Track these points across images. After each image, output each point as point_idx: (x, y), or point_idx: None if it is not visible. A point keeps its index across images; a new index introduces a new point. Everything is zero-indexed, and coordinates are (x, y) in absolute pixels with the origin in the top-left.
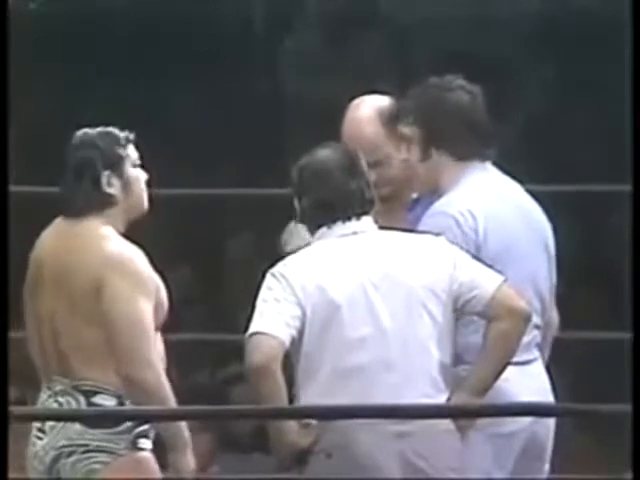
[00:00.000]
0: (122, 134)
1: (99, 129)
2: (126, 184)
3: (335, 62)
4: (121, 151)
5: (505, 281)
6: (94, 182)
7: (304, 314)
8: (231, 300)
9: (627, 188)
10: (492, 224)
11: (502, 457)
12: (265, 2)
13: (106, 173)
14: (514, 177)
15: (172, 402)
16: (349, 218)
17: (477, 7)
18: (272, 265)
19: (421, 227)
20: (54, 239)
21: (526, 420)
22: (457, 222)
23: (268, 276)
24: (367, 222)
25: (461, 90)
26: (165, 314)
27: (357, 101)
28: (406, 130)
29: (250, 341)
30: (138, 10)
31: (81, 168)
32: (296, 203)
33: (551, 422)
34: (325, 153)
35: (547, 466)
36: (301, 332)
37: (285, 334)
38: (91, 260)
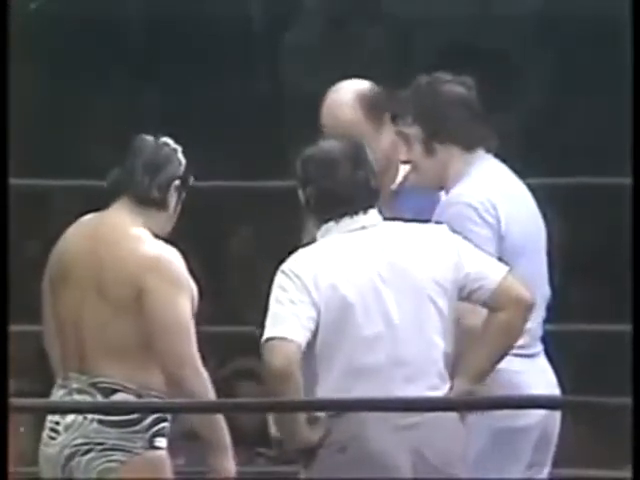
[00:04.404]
0: (190, 173)
1: (175, 145)
2: (177, 203)
3: (335, 58)
4: (187, 176)
5: (510, 271)
6: (162, 183)
7: (318, 314)
8: (234, 293)
9: (627, 181)
10: (511, 214)
11: (519, 450)
12: None
13: (175, 184)
14: (516, 170)
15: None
16: (356, 212)
17: (478, 3)
18: (275, 258)
19: (438, 217)
20: (85, 237)
21: (540, 414)
22: (477, 211)
23: (280, 274)
24: (374, 215)
25: (454, 83)
26: (195, 310)
27: (337, 85)
28: (405, 130)
29: (268, 346)
30: (138, 10)
31: (156, 169)
32: (301, 194)
33: (558, 415)
34: (331, 144)
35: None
36: (315, 332)
37: (302, 337)
38: (129, 261)
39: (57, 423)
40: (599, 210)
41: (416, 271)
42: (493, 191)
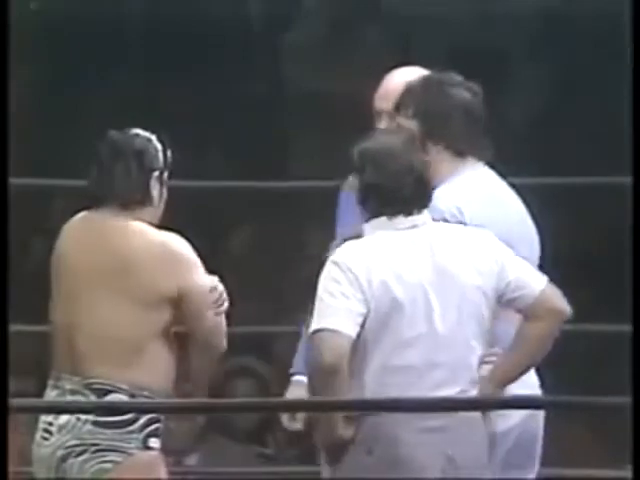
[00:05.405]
0: (167, 149)
1: (148, 134)
2: (161, 193)
3: (335, 58)
4: (166, 161)
5: (549, 281)
6: (142, 180)
7: (368, 311)
8: (233, 293)
9: (627, 180)
10: (482, 219)
11: (495, 454)
12: None
13: (155, 175)
14: (517, 170)
15: None
16: (411, 213)
17: (479, 3)
18: (275, 258)
19: None
20: (82, 234)
21: (519, 416)
22: (443, 214)
23: (332, 266)
24: (426, 215)
25: (463, 87)
26: None
27: (395, 70)
28: (404, 122)
29: (318, 337)
30: (138, 10)
31: (132, 164)
32: (357, 185)
33: (541, 419)
34: (389, 137)
35: (536, 462)
36: (361, 327)
37: (353, 331)
38: (143, 258)
39: (50, 424)
40: (599, 210)
41: (462, 276)
42: (464, 197)
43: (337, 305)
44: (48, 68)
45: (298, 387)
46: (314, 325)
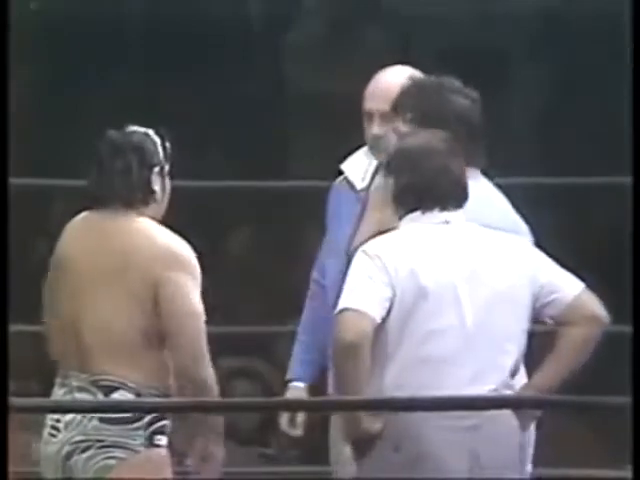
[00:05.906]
0: (166, 142)
1: (145, 130)
2: (163, 187)
3: (335, 58)
4: (166, 155)
5: (586, 287)
6: (143, 177)
7: (394, 296)
8: (233, 293)
9: (627, 180)
10: None
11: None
12: None
13: (156, 170)
14: (517, 170)
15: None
16: (445, 208)
17: (479, 3)
18: (275, 258)
19: None
20: (86, 234)
21: None
22: None
23: (361, 255)
24: (460, 213)
25: (461, 94)
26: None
27: (385, 70)
28: (402, 127)
29: (342, 317)
30: (138, 10)
31: (131, 163)
32: (391, 181)
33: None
34: (427, 136)
35: (529, 466)
36: (387, 314)
37: (377, 313)
38: (142, 254)
39: (58, 421)
40: (599, 210)
41: (493, 276)
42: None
43: (362, 288)
44: (48, 68)
45: (296, 392)
46: (339, 306)
